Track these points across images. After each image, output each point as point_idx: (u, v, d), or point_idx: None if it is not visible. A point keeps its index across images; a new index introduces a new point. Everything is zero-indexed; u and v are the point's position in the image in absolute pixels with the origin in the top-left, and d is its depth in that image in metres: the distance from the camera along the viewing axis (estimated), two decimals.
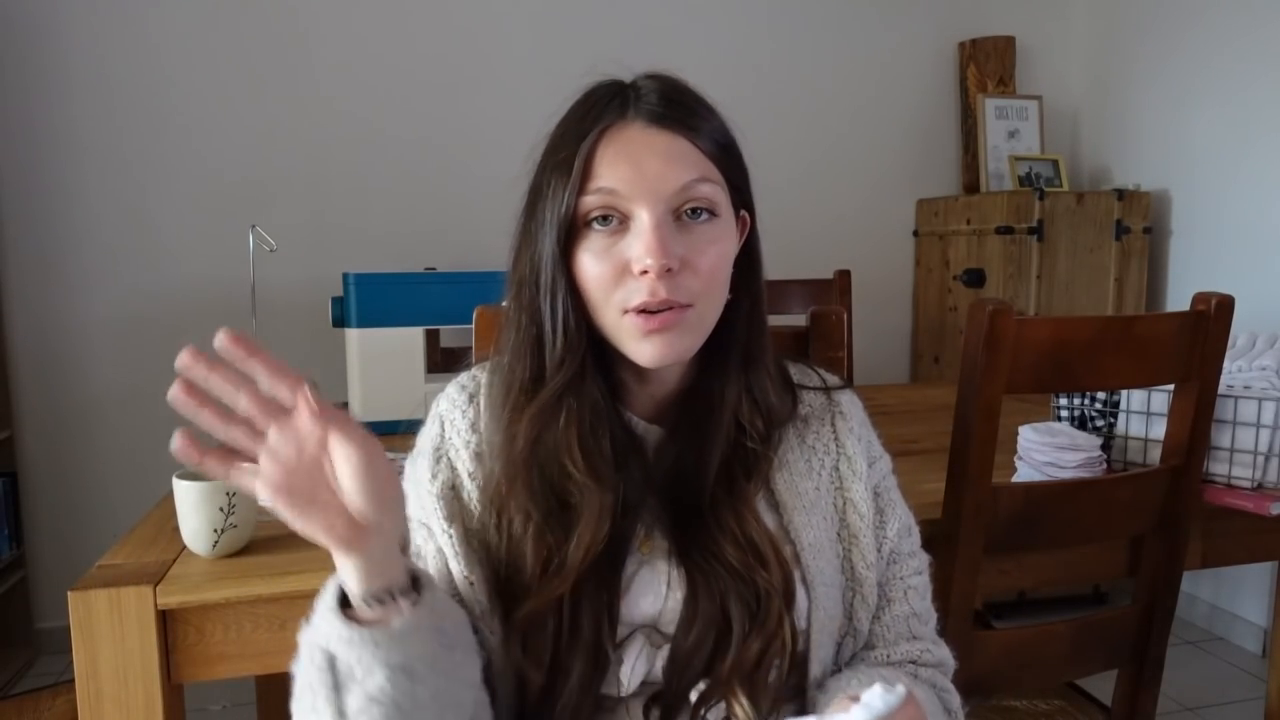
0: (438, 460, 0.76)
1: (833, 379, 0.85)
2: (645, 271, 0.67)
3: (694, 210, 0.70)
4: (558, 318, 0.70)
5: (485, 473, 0.74)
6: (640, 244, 0.67)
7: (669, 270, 0.67)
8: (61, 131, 2.48)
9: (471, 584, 0.72)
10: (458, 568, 0.72)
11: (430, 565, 0.74)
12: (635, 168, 0.67)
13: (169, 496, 1.05)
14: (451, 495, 0.75)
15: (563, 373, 0.70)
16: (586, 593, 0.69)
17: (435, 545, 0.74)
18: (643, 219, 0.67)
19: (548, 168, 0.71)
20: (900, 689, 0.57)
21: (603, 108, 0.70)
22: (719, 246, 0.71)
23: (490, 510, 0.73)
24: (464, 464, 0.75)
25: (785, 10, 2.95)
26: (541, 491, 0.70)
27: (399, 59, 2.67)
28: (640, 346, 0.70)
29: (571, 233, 0.69)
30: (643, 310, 0.68)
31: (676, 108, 0.70)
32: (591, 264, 0.69)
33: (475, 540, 0.73)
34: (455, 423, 0.77)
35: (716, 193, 0.70)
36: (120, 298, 2.54)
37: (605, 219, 0.69)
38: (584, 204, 0.68)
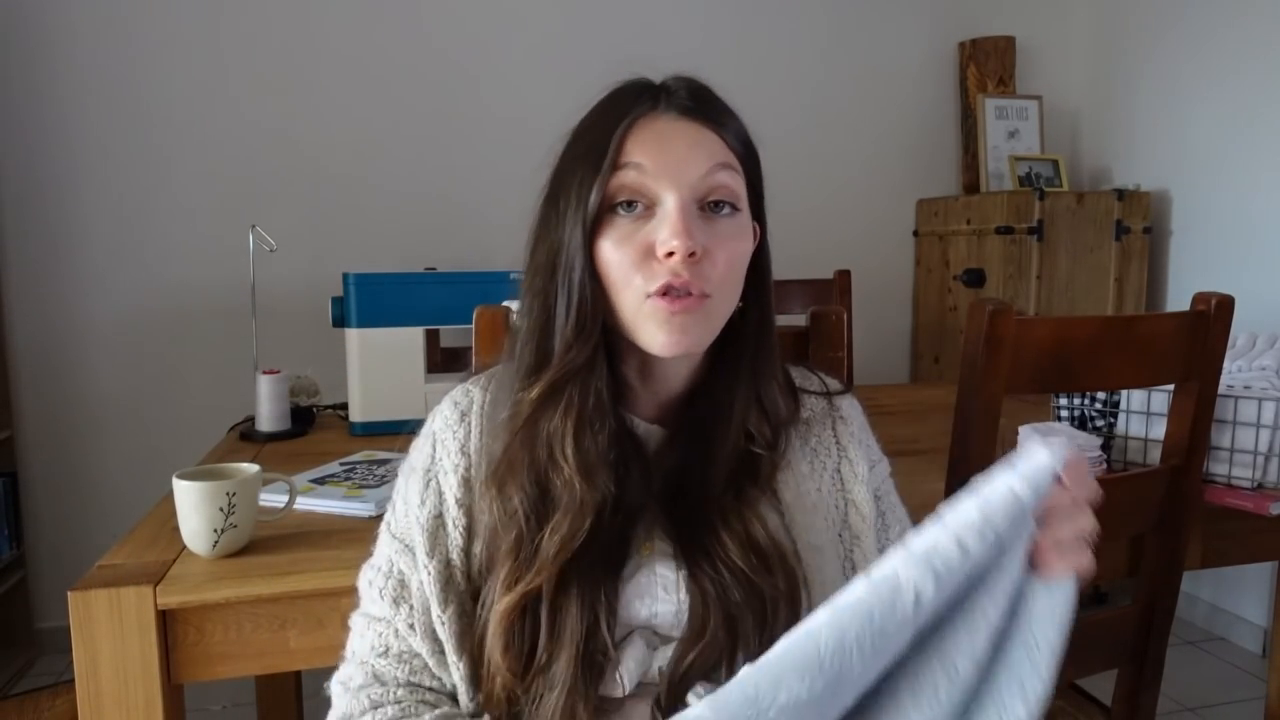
0: (426, 484, 0.76)
1: (833, 383, 0.86)
2: (670, 254, 0.67)
3: (716, 204, 0.71)
4: (572, 301, 0.70)
5: (478, 483, 0.74)
6: (666, 228, 0.68)
7: (693, 254, 0.68)
8: (62, 131, 2.48)
9: (443, 623, 0.72)
10: (435, 607, 0.73)
11: (413, 593, 0.74)
12: (663, 150, 0.69)
13: (169, 496, 1.05)
14: (436, 525, 0.75)
15: (570, 356, 0.70)
16: (574, 593, 0.68)
17: (419, 578, 0.74)
18: (668, 203, 0.69)
19: (574, 156, 0.72)
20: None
21: (633, 100, 0.72)
22: (737, 242, 0.72)
23: (487, 489, 0.72)
24: (451, 489, 0.75)
25: (785, 10, 2.95)
26: (529, 477, 0.70)
27: (399, 59, 2.67)
28: (658, 332, 0.69)
29: (596, 221, 0.70)
30: (666, 292, 0.68)
31: (706, 104, 0.73)
32: (613, 250, 0.69)
33: (457, 572, 0.73)
34: (446, 443, 0.77)
35: (738, 183, 0.72)
36: (120, 297, 2.54)
37: (631, 204, 0.70)
38: (612, 183, 0.69)
